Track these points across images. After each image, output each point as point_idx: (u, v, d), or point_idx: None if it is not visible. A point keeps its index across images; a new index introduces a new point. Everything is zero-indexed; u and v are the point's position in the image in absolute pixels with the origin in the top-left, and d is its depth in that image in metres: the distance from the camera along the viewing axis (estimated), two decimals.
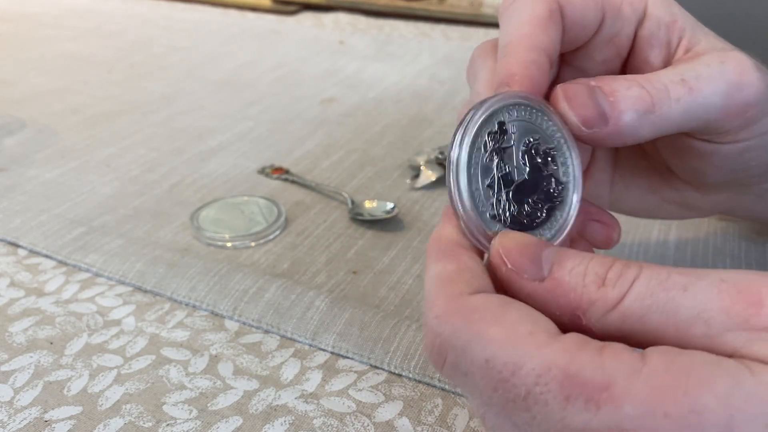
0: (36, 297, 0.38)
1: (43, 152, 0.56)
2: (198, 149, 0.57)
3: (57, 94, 0.69)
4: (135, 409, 0.30)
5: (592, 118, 0.24)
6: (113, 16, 1.01)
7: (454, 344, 0.20)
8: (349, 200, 0.47)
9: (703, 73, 0.25)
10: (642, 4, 0.28)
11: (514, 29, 0.26)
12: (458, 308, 0.20)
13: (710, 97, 0.25)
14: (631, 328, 0.20)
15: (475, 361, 0.19)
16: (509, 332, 0.19)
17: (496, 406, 0.19)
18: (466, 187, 0.24)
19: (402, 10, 0.99)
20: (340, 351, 0.34)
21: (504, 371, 0.19)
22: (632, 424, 0.17)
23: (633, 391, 0.17)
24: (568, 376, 0.18)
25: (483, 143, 0.24)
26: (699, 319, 0.19)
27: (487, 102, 0.24)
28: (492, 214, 0.24)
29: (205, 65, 0.79)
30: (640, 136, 0.25)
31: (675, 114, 0.25)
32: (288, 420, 0.30)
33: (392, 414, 0.30)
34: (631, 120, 0.24)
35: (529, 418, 0.19)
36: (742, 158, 0.29)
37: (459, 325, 0.20)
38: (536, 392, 0.18)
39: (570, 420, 0.18)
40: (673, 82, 0.25)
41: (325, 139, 0.59)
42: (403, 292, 0.38)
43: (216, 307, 0.37)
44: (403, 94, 0.69)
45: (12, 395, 0.31)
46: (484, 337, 0.19)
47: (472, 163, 0.24)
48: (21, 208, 0.46)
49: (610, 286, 0.20)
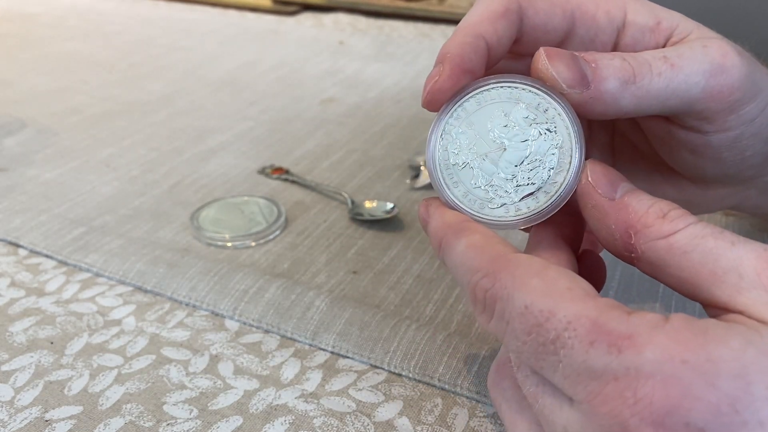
0: (36, 297, 0.38)
1: (43, 152, 0.56)
2: (198, 149, 0.57)
3: (57, 94, 0.69)
4: (135, 408, 0.30)
5: (573, 78, 0.25)
6: (113, 16, 1.01)
7: (501, 295, 0.22)
8: (349, 200, 0.47)
9: (686, 53, 0.26)
10: (620, 12, 0.28)
11: (467, 17, 0.28)
12: (504, 264, 0.22)
13: (692, 75, 0.26)
14: (672, 260, 0.22)
15: (516, 307, 0.21)
16: (549, 285, 0.21)
17: (529, 351, 0.21)
18: (457, 190, 0.26)
19: (402, 10, 0.99)
20: (340, 351, 0.34)
21: (539, 316, 0.21)
22: (651, 368, 0.19)
23: (654, 340, 0.19)
24: (596, 325, 0.20)
25: (453, 135, 0.26)
26: (735, 270, 0.21)
27: (453, 99, 0.26)
28: (490, 198, 0.26)
29: (204, 65, 0.79)
30: (621, 106, 0.25)
31: (656, 87, 0.25)
32: (288, 420, 0.30)
33: (392, 413, 0.30)
34: (612, 87, 0.25)
35: (556, 361, 0.20)
36: (735, 149, 0.29)
37: (506, 278, 0.22)
38: (564, 336, 0.20)
39: (591, 362, 0.19)
40: (655, 58, 0.26)
41: (325, 139, 0.59)
42: (403, 292, 0.39)
43: (216, 307, 0.37)
44: (403, 94, 0.69)
45: (12, 395, 0.31)
46: (526, 285, 0.21)
47: (450, 160, 0.26)
48: (21, 208, 0.46)
49: (669, 219, 0.22)
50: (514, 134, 0.26)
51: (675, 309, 0.36)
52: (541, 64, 0.25)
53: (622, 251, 0.24)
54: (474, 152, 0.26)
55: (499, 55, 0.28)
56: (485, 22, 0.27)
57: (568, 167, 0.25)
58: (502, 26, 0.27)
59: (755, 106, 0.27)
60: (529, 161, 0.25)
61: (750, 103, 0.27)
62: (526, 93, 0.26)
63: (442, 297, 0.38)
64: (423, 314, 0.37)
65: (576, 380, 0.20)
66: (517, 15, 0.27)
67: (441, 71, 0.26)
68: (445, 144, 0.26)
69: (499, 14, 0.27)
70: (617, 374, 0.19)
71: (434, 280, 0.39)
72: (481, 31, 0.27)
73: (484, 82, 0.26)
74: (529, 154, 0.25)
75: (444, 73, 0.26)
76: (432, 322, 0.36)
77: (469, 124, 0.26)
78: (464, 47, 0.26)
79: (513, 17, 0.27)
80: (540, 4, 0.28)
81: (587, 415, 0.20)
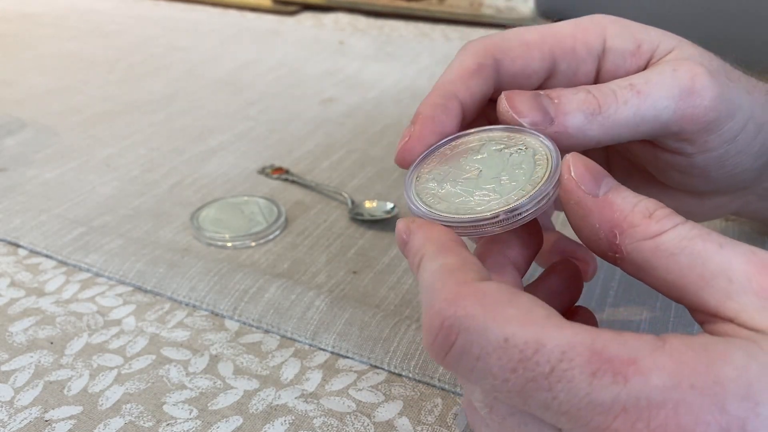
0: (36, 297, 0.38)
1: (43, 152, 0.56)
2: (198, 149, 0.57)
3: (57, 94, 0.69)
4: (135, 408, 0.30)
5: (535, 116, 0.25)
6: (113, 16, 1.01)
7: (467, 326, 0.19)
8: (349, 200, 0.47)
9: (653, 79, 0.26)
10: (598, 40, 0.28)
11: (441, 77, 0.28)
12: (470, 292, 0.20)
13: (661, 100, 0.26)
14: (658, 262, 0.21)
15: (492, 342, 0.19)
16: (527, 314, 0.19)
17: (512, 390, 0.19)
18: (441, 206, 0.25)
19: (402, 10, 0.99)
20: (340, 351, 0.34)
21: (526, 350, 0.18)
22: (660, 396, 0.18)
23: (659, 364, 0.18)
24: (595, 351, 0.18)
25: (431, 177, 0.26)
26: (723, 274, 0.20)
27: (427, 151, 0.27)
28: (479, 209, 0.25)
29: (205, 65, 0.79)
30: (590, 137, 0.26)
31: (623, 116, 0.25)
32: (288, 420, 0.30)
33: (392, 414, 0.30)
34: (577, 121, 0.25)
35: (550, 397, 0.18)
36: (723, 168, 0.28)
37: (472, 306, 0.19)
38: (561, 368, 0.18)
39: (597, 395, 0.18)
40: (621, 87, 0.26)
41: (325, 139, 0.59)
42: (403, 292, 0.39)
43: (216, 307, 0.37)
44: (403, 94, 0.69)
45: (12, 395, 0.31)
46: (501, 316, 0.19)
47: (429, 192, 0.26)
48: (21, 208, 0.46)
49: (655, 219, 0.22)
50: (486, 160, 0.26)
51: (675, 309, 0.36)
52: (502, 107, 0.26)
53: (606, 251, 0.23)
54: (452, 181, 0.26)
55: (474, 110, 0.28)
56: (458, 81, 0.27)
57: (546, 163, 0.25)
58: (475, 83, 0.27)
59: (734, 123, 0.27)
60: (508, 171, 0.25)
61: (728, 122, 0.27)
62: (494, 133, 0.27)
63: None
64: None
65: (576, 415, 0.18)
66: (491, 69, 0.28)
67: (412, 132, 0.27)
68: (423, 184, 0.26)
69: (471, 72, 0.27)
70: (627, 406, 0.18)
71: None
72: (454, 90, 0.27)
73: (455, 135, 0.27)
74: (505, 168, 0.25)
75: (414, 133, 0.26)
76: None
77: (445, 162, 0.26)
78: (435, 108, 0.27)
79: (487, 72, 0.28)
80: (515, 52, 0.28)
81: None
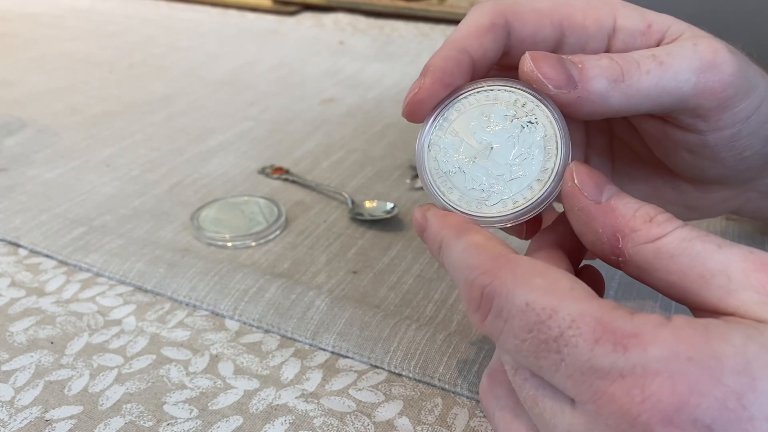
0: (37, 297, 0.38)
1: (43, 152, 0.56)
2: (198, 149, 0.57)
3: (57, 94, 0.69)
4: (135, 408, 0.30)
5: (559, 79, 0.25)
6: (113, 16, 1.01)
7: (499, 292, 0.22)
8: (349, 200, 0.47)
9: (675, 51, 0.26)
10: (609, 18, 0.28)
11: (454, 32, 0.28)
12: (505, 262, 0.22)
13: (682, 72, 0.26)
14: (659, 264, 0.22)
15: (517, 305, 0.21)
16: (551, 283, 0.21)
17: (529, 349, 0.21)
18: (452, 195, 0.26)
19: (402, 10, 0.99)
20: (341, 351, 0.34)
21: (542, 314, 0.20)
22: (657, 365, 0.19)
23: (659, 338, 0.19)
24: (600, 323, 0.20)
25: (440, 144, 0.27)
26: (723, 272, 0.21)
27: (438, 107, 0.27)
28: (485, 196, 0.26)
29: (205, 65, 0.79)
30: (610, 105, 0.25)
31: (645, 85, 0.25)
32: (288, 419, 0.30)
33: (392, 413, 0.30)
34: (600, 86, 0.25)
35: (558, 360, 0.20)
36: (734, 148, 0.29)
37: (506, 275, 0.22)
38: (568, 334, 0.20)
39: (597, 360, 0.19)
40: (643, 57, 0.26)
41: (325, 139, 0.59)
42: (403, 292, 0.39)
43: (216, 306, 0.37)
44: (403, 94, 0.69)
45: (13, 395, 0.31)
46: (528, 283, 0.21)
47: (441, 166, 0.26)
48: (21, 208, 0.46)
49: (656, 223, 0.23)
50: (497, 133, 0.26)
51: (675, 309, 0.36)
52: (526, 66, 0.25)
53: (609, 255, 0.24)
54: (463, 157, 0.26)
55: (485, 68, 0.28)
56: (471, 37, 0.27)
57: (556, 153, 0.25)
58: (487, 41, 0.27)
59: (749, 103, 0.27)
60: (517, 155, 0.26)
61: (744, 100, 0.27)
62: (502, 93, 0.27)
63: (442, 297, 0.38)
64: (423, 314, 0.37)
65: (580, 379, 0.20)
66: (503, 29, 0.28)
67: (422, 84, 0.26)
68: (433, 155, 0.27)
69: (484, 29, 0.27)
70: (624, 372, 0.19)
71: (434, 280, 0.39)
72: (465, 46, 0.27)
73: (462, 90, 0.27)
74: (515, 148, 0.26)
75: (424, 85, 0.26)
76: (432, 322, 0.36)
77: (454, 133, 0.27)
78: (447, 61, 0.27)
79: (499, 32, 0.28)
80: (527, 17, 0.28)
81: (592, 416, 0.20)
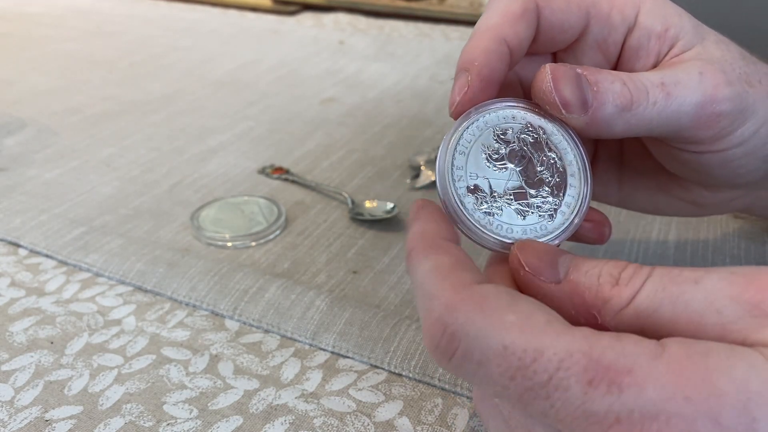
0: (36, 297, 0.38)
1: (43, 152, 0.56)
2: (198, 149, 0.57)
3: (57, 94, 0.69)
4: (135, 408, 0.30)
5: (575, 103, 0.25)
6: (113, 16, 1.01)
7: (467, 331, 0.19)
8: (349, 200, 0.47)
9: (682, 81, 0.26)
10: (633, 11, 0.28)
11: (486, 19, 0.27)
12: (469, 296, 0.20)
13: (684, 105, 0.26)
14: (645, 323, 0.20)
15: (492, 348, 0.19)
16: (526, 320, 0.19)
17: (512, 396, 0.19)
18: (467, 204, 0.25)
19: (402, 10, 0.99)
20: (341, 351, 0.34)
21: (524, 358, 0.19)
22: (654, 408, 0.17)
23: (655, 375, 0.18)
24: (592, 360, 0.18)
25: (470, 152, 0.25)
26: (711, 308, 0.19)
27: (472, 113, 0.26)
28: (490, 215, 0.25)
29: (205, 65, 0.79)
30: (612, 131, 0.25)
31: (649, 116, 0.25)
32: (288, 419, 0.30)
33: (392, 413, 0.30)
34: (609, 113, 0.25)
35: (547, 406, 0.18)
36: (727, 167, 0.29)
37: (472, 312, 0.19)
38: (558, 377, 0.18)
39: (591, 404, 0.18)
40: (653, 85, 0.25)
41: (325, 139, 0.59)
42: (403, 292, 0.39)
43: (216, 306, 0.37)
44: (403, 94, 0.69)
45: (12, 395, 0.31)
46: (501, 323, 0.19)
47: (462, 172, 0.25)
48: (21, 208, 0.46)
49: (623, 284, 0.21)
50: (516, 155, 0.25)
51: None
52: (545, 86, 0.25)
53: (594, 328, 0.22)
54: (481, 176, 0.25)
55: (518, 58, 0.27)
56: (506, 25, 0.26)
57: (578, 188, 0.25)
58: (521, 28, 0.26)
59: (745, 129, 0.27)
60: (534, 180, 0.25)
61: (740, 127, 0.27)
62: (524, 114, 0.26)
63: None
64: None
65: (572, 424, 0.18)
66: (534, 15, 0.27)
67: (471, 82, 0.26)
68: (454, 172, 0.25)
69: (518, 15, 0.26)
70: (620, 416, 0.18)
71: None
72: (503, 35, 0.26)
73: (488, 105, 0.26)
74: (536, 175, 0.25)
75: (475, 84, 0.26)
76: None
77: (475, 151, 0.26)
78: (490, 55, 0.26)
79: (531, 17, 0.27)
80: (556, 3, 0.27)
81: None
